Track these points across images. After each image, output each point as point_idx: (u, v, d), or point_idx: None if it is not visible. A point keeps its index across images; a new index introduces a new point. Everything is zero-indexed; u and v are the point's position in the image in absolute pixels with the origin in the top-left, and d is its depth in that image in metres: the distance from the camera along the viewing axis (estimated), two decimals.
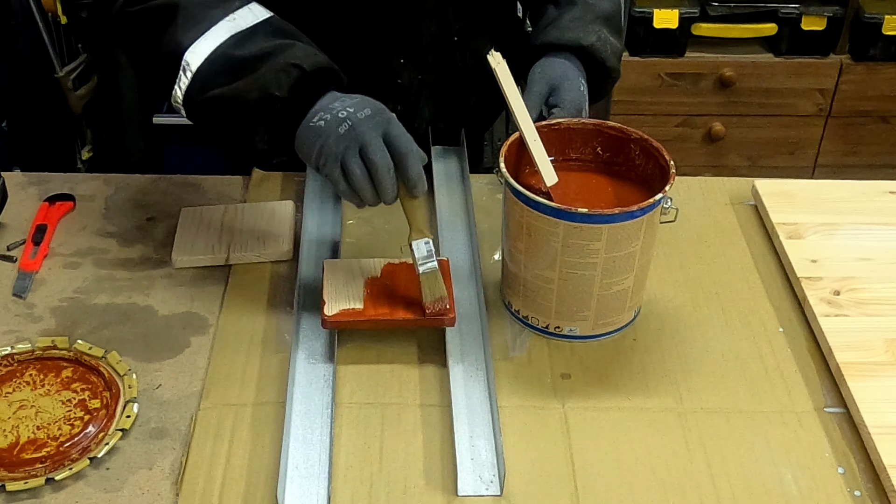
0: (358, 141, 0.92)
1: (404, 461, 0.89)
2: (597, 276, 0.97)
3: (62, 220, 1.19)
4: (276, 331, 1.03)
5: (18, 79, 2.23)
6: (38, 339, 1.01)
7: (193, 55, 0.97)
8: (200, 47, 0.97)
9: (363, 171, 0.92)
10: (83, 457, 0.88)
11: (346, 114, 0.94)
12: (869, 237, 1.16)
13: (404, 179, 0.94)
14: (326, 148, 0.93)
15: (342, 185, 0.94)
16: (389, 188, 0.93)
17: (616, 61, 1.21)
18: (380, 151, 0.92)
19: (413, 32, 1.21)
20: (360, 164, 0.92)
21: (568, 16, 1.20)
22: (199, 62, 0.97)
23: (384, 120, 0.94)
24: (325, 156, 0.93)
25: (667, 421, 0.94)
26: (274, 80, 0.95)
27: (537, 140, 1.02)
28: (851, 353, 0.99)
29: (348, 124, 0.93)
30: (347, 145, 0.92)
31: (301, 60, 0.96)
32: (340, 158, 0.93)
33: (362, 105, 0.95)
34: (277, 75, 0.95)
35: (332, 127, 0.93)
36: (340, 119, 0.93)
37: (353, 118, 0.93)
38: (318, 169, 0.95)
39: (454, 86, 1.29)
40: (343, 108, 0.94)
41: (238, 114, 0.97)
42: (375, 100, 0.97)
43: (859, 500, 0.87)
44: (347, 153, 0.92)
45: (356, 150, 0.92)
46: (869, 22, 2.36)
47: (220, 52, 0.97)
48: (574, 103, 1.13)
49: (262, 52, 0.96)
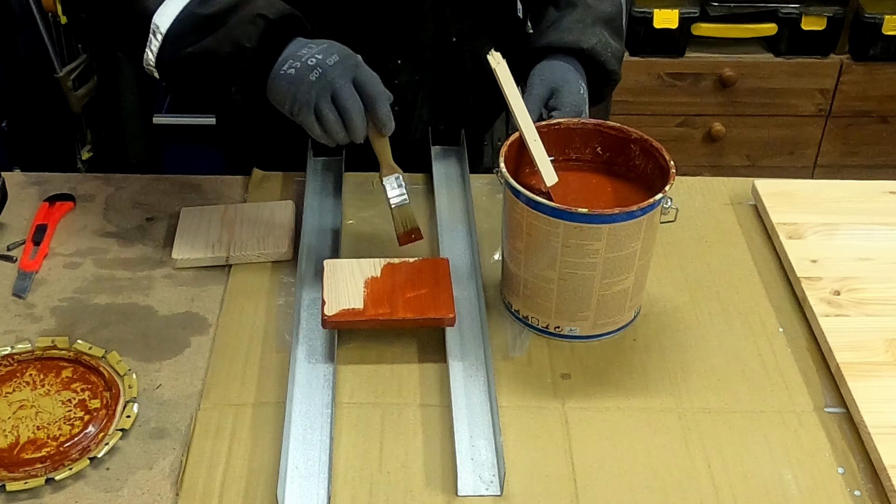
0: (329, 87, 0.97)
1: (404, 461, 0.89)
2: (597, 276, 0.97)
3: (62, 220, 1.19)
4: (276, 331, 1.03)
5: (18, 79, 2.23)
6: (38, 339, 1.01)
7: (162, 17, 1.00)
8: (168, 9, 1.00)
9: (336, 116, 0.97)
10: (83, 457, 0.88)
11: (316, 61, 0.97)
12: (869, 237, 1.16)
13: (374, 120, 0.99)
14: (300, 95, 0.97)
15: (317, 130, 0.98)
16: (360, 129, 0.98)
17: (616, 64, 1.21)
18: (351, 97, 0.96)
19: (411, 33, 1.21)
20: (332, 109, 0.97)
21: (568, 18, 1.20)
22: (168, 23, 1.00)
23: (352, 64, 0.98)
24: (299, 103, 0.97)
25: (667, 421, 0.94)
26: (243, 33, 0.98)
27: (537, 140, 1.02)
28: (851, 353, 0.99)
29: (318, 71, 0.97)
30: (319, 92, 0.97)
31: (265, 10, 1.00)
32: (314, 105, 0.97)
33: (330, 51, 0.98)
34: (245, 27, 0.98)
35: (303, 74, 0.97)
36: (310, 66, 0.97)
37: (322, 65, 0.97)
38: (292, 115, 0.99)
39: (452, 86, 1.29)
40: (312, 54, 0.98)
41: (211, 69, 1.00)
42: (339, 43, 1.00)
43: (859, 500, 0.87)
44: (320, 100, 0.97)
45: (328, 96, 0.97)
46: (869, 22, 2.36)
47: (187, 12, 1.00)
48: (574, 106, 1.13)
49: (227, 7, 1.00)
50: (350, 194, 1.24)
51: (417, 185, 1.27)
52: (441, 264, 1.05)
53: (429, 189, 1.25)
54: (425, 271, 1.04)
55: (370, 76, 0.98)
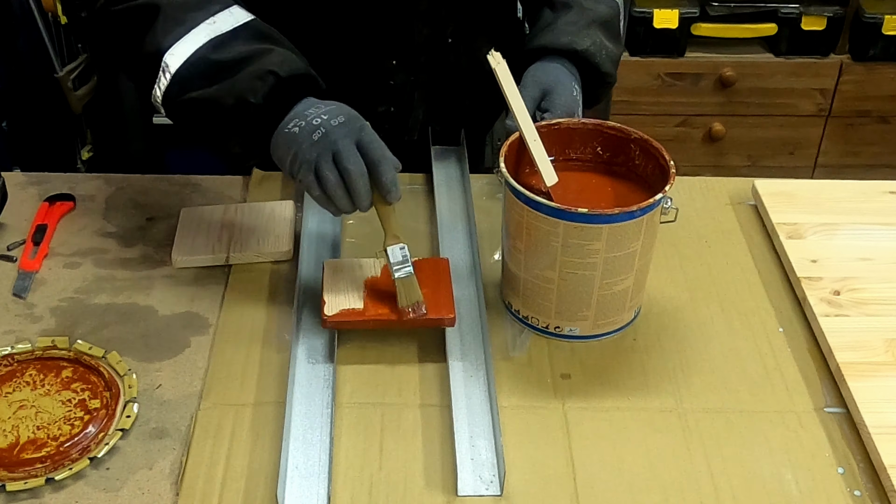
0: (331, 148, 0.93)
1: (404, 461, 0.89)
2: (597, 276, 0.97)
3: (62, 220, 1.19)
4: (276, 331, 1.03)
5: (18, 79, 2.23)
6: (38, 339, 1.01)
7: (173, 57, 0.98)
8: (180, 49, 0.98)
9: (337, 178, 0.93)
10: (83, 457, 0.88)
11: (320, 121, 0.95)
12: (869, 237, 1.16)
13: (378, 186, 0.95)
14: (300, 154, 0.94)
15: (316, 192, 0.95)
16: (364, 194, 0.94)
17: (611, 66, 1.20)
18: (353, 158, 0.93)
19: (405, 34, 1.21)
20: (333, 170, 0.93)
21: (563, 20, 1.19)
22: (178, 64, 0.97)
23: (357, 127, 0.95)
24: (300, 162, 0.95)
25: (667, 421, 0.94)
26: (249, 87, 0.96)
27: (537, 140, 1.02)
28: (851, 353, 0.99)
29: (322, 131, 0.94)
30: (321, 152, 0.93)
31: (277, 67, 0.96)
32: (314, 165, 0.94)
33: (336, 112, 0.96)
34: (253, 82, 0.96)
35: (306, 134, 0.94)
36: (314, 126, 0.94)
37: (326, 125, 0.94)
38: (293, 176, 0.96)
39: (448, 87, 1.29)
40: (317, 115, 0.95)
41: (214, 118, 0.98)
42: (351, 108, 0.98)
43: (859, 500, 0.87)
44: (321, 160, 0.93)
45: (330, 156, 0.93)
46: (869, 22, 2.36)
47: (198, 56, 0.98)
48: (565, 108, 1.12)
49: (240, 57, 0.97)
50: None
51: (417, 186, 1.27)
52: (441, 264, 1.05)
53: (429, 189, 1.25)
54: (425, 271, 1.04)
55: (375, 140, 0.95)
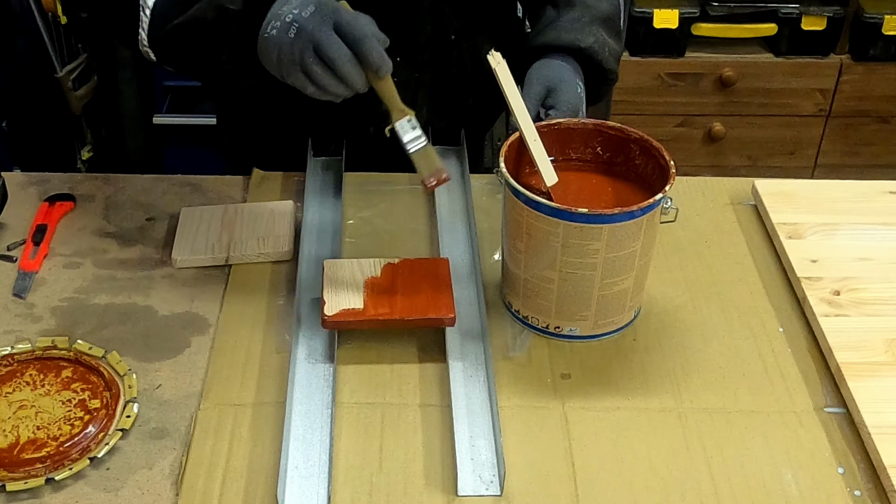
0: (310, 40, 0.91)
1: (404, 461, 0.89)
2: (597, 276, 0.97)
3: (62, 220, 1.19)
4: (276, 331, 1.03)
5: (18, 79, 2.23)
6: (38, 339, 1.01)
7: None
8: None
9: (324, 69, 0.91)
10: (83, 457, 0.88)
11: (293, 16, 0.92)
12: (869, 237, 1.16)
13: (365, 65, 0.92)
14: (283, 56, 0.93)
15: (310, 88, 0.93)
16: (356, 77, 0.92)
17: (614, 63, 1.21)
18: (334, 45, 0.91)
19: (409, 32, 1.21)
20: (319, 62, 0.91)
21: (566, 17, 1.20)
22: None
23: (331, 11, 0.92)
24: (285, 65, 0.93)
25: (667, 421, 0.94)
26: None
27: (537, 140, 1.02)
28: (851, 353, 0.99)
29: (296, 27, 0.92)
30: (301, 48, 0.91)
31: None
32: (299, 63, 0.92)
33: (306, 3, 0.93)
34: None
35: (283, 34, 0.92)
36: (288, 23, 0.92)
37: (299, 19, 0.92)
38: (283, 79, 0.95)
39: (451, 85, 1.29)
40: (289, 10, 0.93)
41: (200, 37, 0.98)
42: None
43: (859, 500, 0.87)
44: (304, 56, 0.91)
45: (311, 50, 0.91)
46: (869, 22, 2.36)
47: None
48: (570, 105, 1.13)
49: None
50: (350, 194, 1.24)
51: (417, 185, 1.27)
52: (441, 264, 1.05)
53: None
54: (425, 271, 1.04)
55: (352, 18, 0.92)
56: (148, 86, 2.53)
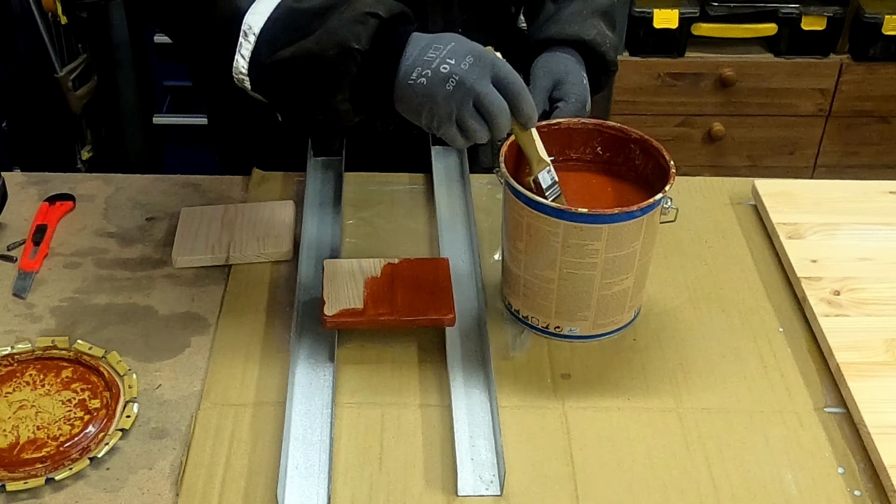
0: (470, 95, 0.88)
1: (404, 461, 0.89)
2: (597, 276, 0.97)
3: (62, 220, 1.19)
4: (276, 331, 1.03)
5: (18, 79, 2.23)
6: (38, 339, 1.01)
7: (254, 16, 0.89)
8: (260, 7, 0.89)
9: (481, 124, 0.89)
10: (83, 457, 0.88)
11: (449, 67, 0.88)
12: (869, 237, 1.16)
13: (518, 116, 0.91)
14: (437, 109, 0.88)
15: (460, 142, 0.90)
16: (506, 129, 0.90)
17: (614, 55, 1.22)
18: (496, 100, 0.88)
19: (420, 25, 1.21)
20: (476, 116, 0.89)
21: (566, 10, 1.21)
22: (262, 22, 0.89)
23: (489, 63, 0.89)
24: (439, 117, 0.89)
25: (667, 421, 0.94)
26: (351, 32, 0.87)
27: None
28: (851, 353, 0.99)
29: (455, 80, 0.87)
30: (460, 102, 0.88)
31: (374, 7, 0.89)
32: (456, 116, 0.88)
33: (462, 53, 0.89)
34: (353, 27, 0.88)
35: (439, 85, 0.88)
36: (444, 74, 0.88)
37: (457, 70, 0.88)
38: (430, 129, 0.91)
39: None
40: (442, 59, 0.88)
41: (313, 74, 0.89)
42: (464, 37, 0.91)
43: (859, 500, 0.87)
44: (462, 109, 0.88)
45: (470, 104, 0.88)
46: (869, 22, 2.36)
47: (283, 9, 0.89)
48: (578, 97, 1.13)
49: (328, 4, 0.89)
50: (350, 194, 1.24)
51: (417, 185, 1.27)
52: (441, 264, 1.05)
53: (429, 189, 1.25)
54: (425, 271, 1.04)
55: (509, 71, 0.89)
56: (148, 86, 2.53)
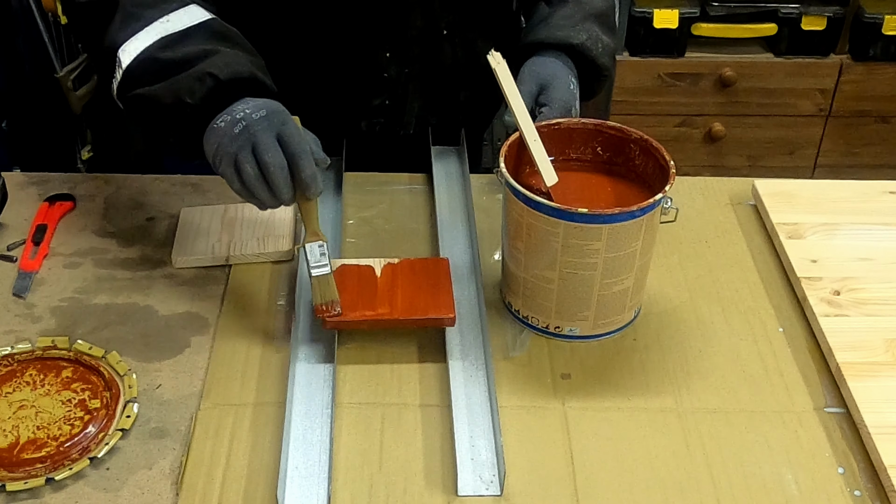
0: (251, 140, 0.94)
1: (404, 461, 0.89)
2: (597, 276, 0.97)
3: (62, 220, 1.19)
4: (276, 331, 1.03)
5: (18, 79, 2.23)
6: (38, 339, 1.01)
7: (125, 53, 1.01)
8: (132, 46, 1.01)
9: (255, 171, 0.93)
10: (83, 457, 0.88)
11: (243, 115, 0.95)
12: (869, 237, 1.16)
13: (296, 181, 0.94)
14: (221, 147, 0.95)
15: (236, 185, 0.95)
16: (283, 187, 0.94)
17: (608, 59, 1.21)
18: (272, 150, 0.93)
19: (399, 25, 1.21)
20: (252, 163, 0.94)
21: (559, 14, 1.20)
22: (129, 61, 1.00)
23: (279, 121, 0.95)
24: (220, 155, 0.95)
25: (667, 421, 0.94)
26: (188, 88, 0.97)
27: (537, 140, 1.02)
28: (851, 353, 0.99)
29: (242, 124, 0.95)
30: (241, 145, 0.94)
31: (218, 70, 0.98)
32: (234, 158, 0.94)
33: (260, 107, 0.96)
34: (192, 83, 0.97)
35: (229, 127, 0.95)
36: (236, 120, 0.95)
37: (247, 119, 0.95)
38: (215, 168, 0.97)
39: (443, 80, 1.28)
40: (242, 109, 0.96)
41: (154, 115, 1.01)
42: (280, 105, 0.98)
43: (859, 500, 0.87)
44: (241, 152, 0.94)
45: (249, 149, 0.94)
46: (869, 22, 2.36)
47: (147, 54, 1.00)
48: (563, 102, 1.13)
49: (185, 58, 0.99)
50: (350, 194, 1.24)
51: (417, 185, 1.27)
52: (441, 264, 1.05)
53: (429, 189, 1.25)
54: (425, 271, 1.04)
55: (296, 133, 0.95)
56: None
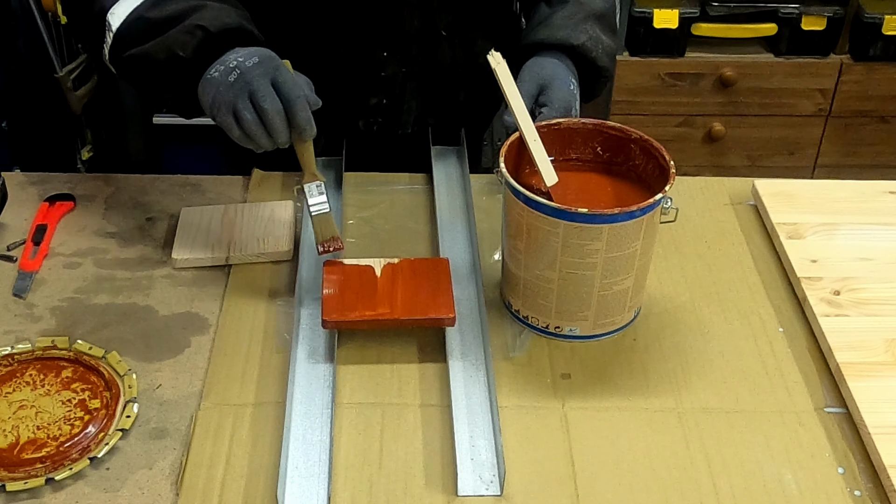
0: (247, 88, 0.97)
1: (404, 461, 0.89)
2: (597, 276, 0.97)
3: (62, 220, 1.19)
4: (276, 331, 1.03)
5: (18, 79, 2.23)
6: (38, 339, 1.01)
7: (114, 17, 1.03)
8: (121, 9, 1.03)
9: (254, 117, 0.96)
10: (83, 457, 0.88)
11: (236, 63, 0.98)
12: (869, 237, 1.16)
13: (292, 125, 0.98)
14: (218, 96, 0.98)
15: (236, 132, 0.98)
16: (281, 131, 0.97)
17: (608, 60, 1.21)
18: (269, 96, 0.96)
19: (396, 25, 1.21)
20: (251, 109, 0.97)
21: (559, 14, 1.20)
22: (119, 23, 1.03)
23: (272, 67, 0.98)
24: (218, 104, 0.98)
25: (667, 421, 0.94)
26: (179, 42, 1.00)
27: (537, 140, 1.02)
28: (851, 353, 0.99)
29: (237, 73, 0.98)
30: (237, 93, 0.97)
31: (207, 22, 1.01)
32: (231, 106, 0.97)
33: (252, 54, 0.99)
34: (183, 37, 1.00)
35: (223, 76, 0.98)
36: (230, 69, 0.98)
37: (241, 66, 0.98)
38: (213, 117, 1.00)
39: (441, 80, 1.28)
40: (235, 58, 0.99)
41: (148, 72, 1.03)
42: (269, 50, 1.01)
43: (859, 500, 0.87)
44: (238, 100, 0.97)
45: (246, 96, 0.97)
46: (869, 22, 2.36)
47: (136, 15, 1.03)
48: (562, 102, 1.13)
49: (173, 15, 1.02)
50: (350, 194, 1.24)
51: (417, 185, 1.27)
52: (441, 264, 1.05)
53: (429, 189, 1.25)
54: (425, 271, 1.04)
55: (289, 79, 0.98)
56: None
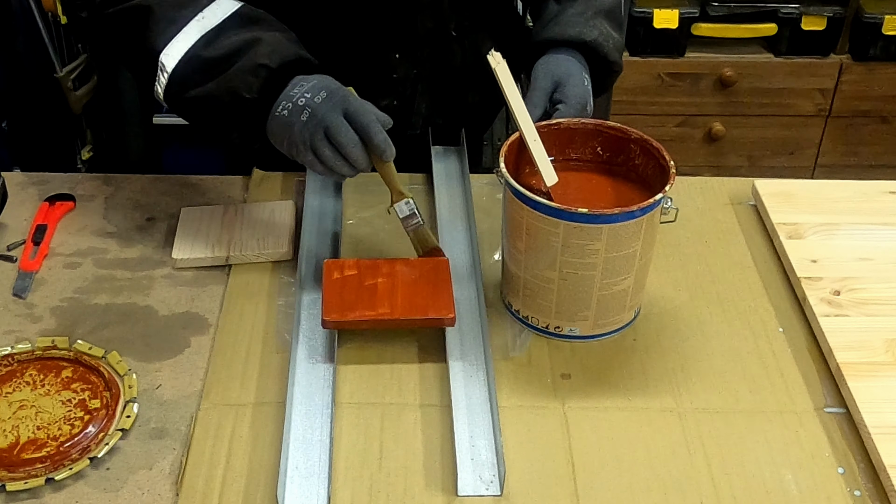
0: (321, 125, 0.98)
1: (404, 461, 0.89)
2: (597, 276, 0.97)
3: (62, 220, 1.19)
4: (276, 331, 1.03)
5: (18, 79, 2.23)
6: (38, 339, 1.01)
7: (168, 57, 1.02)
8: (174, 49, 1.02)
9: (333, 152, 0.98)
10: (83, 457, 0.88)
11: (305, 100, 0.99)
12: (869, 237, 1.16)
13: (371, 149, 0.99)
14: (294, 137, 0.99)
15: (319, 168, 1.00)
16: (361, 160, 0.99)
17: (618, 55, 1.21)
18: (343, 130, 0.98)
19: (408, 27, 1.21)
20: (328, 145, 0.98)
21: (569, 11, 1.20)
22: (174, 64, 1.02)
23: (340, 98, 0.99)
24: (296, 145, 0.99)
25: (667, 421, 0.94)
26: (243, 83, 1.00)
27: (537, 140, 1.02)
28: (851, 353, 0.99)
29: (308, 111, 0.98)
30: (313, 131, 0.98)
31: (267, 59, 1.00)
32: (309, 144, 0.98)
33: (318, 88, 1.00)
34: (246, 78, 1.00)
35: (295, 116, 0.99)
36: (300, 107, 0.99)
37: (311, 104, 0.99)
38: (293, 157, 1.01)
39: (451, 81, 1.29)
40: (301, 94, 0.99)
41: (213, 113, 1.03)
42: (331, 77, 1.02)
43: (859, 500, 0.87)
44: (315, 139, 0.98)
45: (322, 134, 0.98)
46: (869, 22, 2.36)
47: (191, 54, 1.02)
48: (579, 98, 1.13)
49: (230, 52, 1.01)
50: (350, 194, 1.24)
51: (417, 185, 1.27)
52: (441, 264, 1.05)
53: (429, 189, 1.25)
54: (425, 271, 1.04)
55: (360, 106, 0.99)
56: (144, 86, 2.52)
